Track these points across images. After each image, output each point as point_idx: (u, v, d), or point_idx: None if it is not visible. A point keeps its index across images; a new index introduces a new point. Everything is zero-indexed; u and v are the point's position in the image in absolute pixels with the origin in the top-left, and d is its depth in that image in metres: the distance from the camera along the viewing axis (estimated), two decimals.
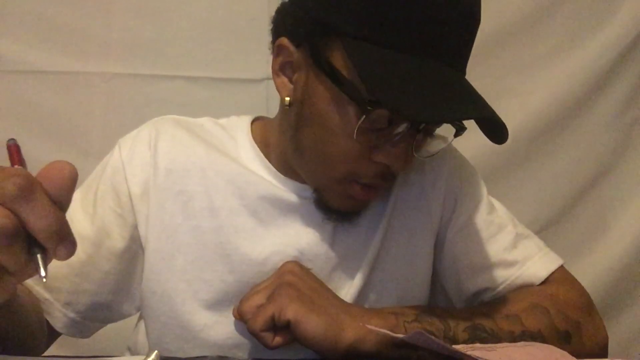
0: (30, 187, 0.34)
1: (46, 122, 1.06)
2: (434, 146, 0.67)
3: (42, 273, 0.35)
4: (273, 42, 0.61)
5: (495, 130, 0.53)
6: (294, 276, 0.56)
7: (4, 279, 0.35)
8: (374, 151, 0.56)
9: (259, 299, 0.56)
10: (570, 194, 1.18)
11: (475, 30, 0.56)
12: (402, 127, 0.55)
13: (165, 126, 0.68)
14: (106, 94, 1.07)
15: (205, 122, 0.71)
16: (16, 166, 0.39)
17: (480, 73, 1.11)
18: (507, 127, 0.53)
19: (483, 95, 0.53)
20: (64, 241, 0.35)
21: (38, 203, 0.34)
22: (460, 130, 0.59)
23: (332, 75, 0.55)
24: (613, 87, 1.16)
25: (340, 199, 0.61)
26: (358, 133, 0.54)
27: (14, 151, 0.40)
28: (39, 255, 0.35)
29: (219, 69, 1.08)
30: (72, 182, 0.36)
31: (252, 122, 0.71)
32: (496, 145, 1.24)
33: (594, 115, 1.17)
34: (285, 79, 0.61)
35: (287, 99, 0.60)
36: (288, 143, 0.63)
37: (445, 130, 0.61)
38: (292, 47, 0.59)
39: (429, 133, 0.61)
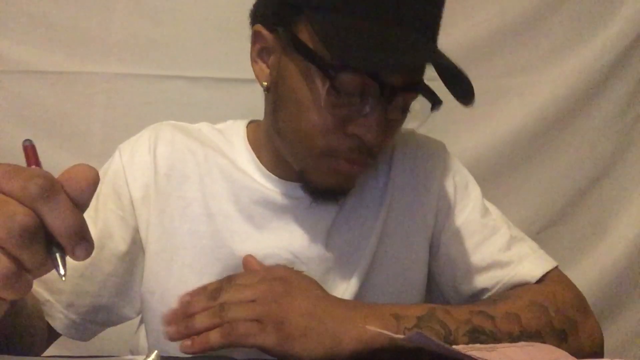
0: (52, 188, 0.34)
1: (46, 122, 1.06)
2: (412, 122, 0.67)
3: (62, 272, 0.36)
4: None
5: (463, 89, 0.54)
6: (283, 285, 0.52)
7: (22, 276, 0.35)
8: (348, 124, 0.57)
9: (243, 298, 0.52)
10: (570, 194, 1.18)
11: None
12: (371, 98, 0.55)
13: (164, 131, 0.69)
14: (106, 94, 1.07)
15: (203, 126, 0.72)
16: (34, 167, 0.40)
17: (480, 73, 1.12)
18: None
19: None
20: (82, 242, 0.36)
21: (59, 204, 0.34)
22: (435, 103, 0.60)
23: (299, 48, 0.56)
24: (613, 87, 1.16)
25: (326, 175, 0.61)
26: (327, 104, 0.56)
27: (31, 152, 0.40)
28: (57, 255, 0.35)
29: (219, 69, 1.08)
30: (93, 185, 0.36)
31: (248, 125, 0.72)
32: (496, 146, 1.24)
33: (594, 115, 1.17)
34: (263, 65, 0.63)
35: (265, 83, 0.62)
36: (271, 129, 0.64)
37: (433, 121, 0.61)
38: (266, 32, 0.61)
39: (403, 108, 0.61)
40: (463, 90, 0.54)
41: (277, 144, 0.64)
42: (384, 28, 0.53)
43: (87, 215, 0.63)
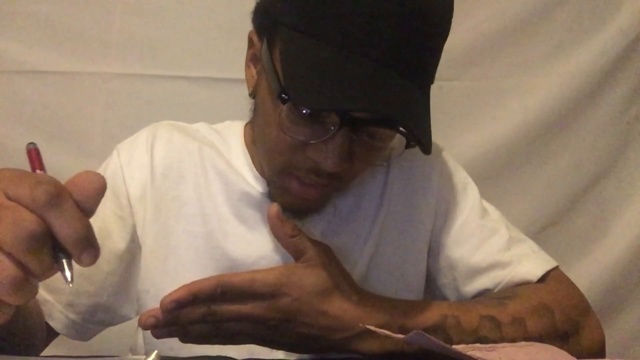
0: (59, 194, 0.34)
1: (46, 122, 1.06)
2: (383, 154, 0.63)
3: (69, 277, 0.36)
4: None
5: (425, 136, 0.51)
6: (282, 313, 0.51)
7: (29, 281, 0.35)
8: (307, 146, 0.55)
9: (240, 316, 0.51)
10: (570, 194, 1.18)
11: (423, 29, 0.51)
12: (333, 125, 0.53)
13: (161, 130, 0.69)
14: (106, 94, 1.07)
15: (201, 127, 0.72)
16: (38, 171, 0.40)
17: (480, 73, 1.12)
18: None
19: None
20: (89, 248, 0.36)
21: (66, 210, 0.34)
22: (410, 141, 0.55)
23: (269, 65, 0.55)
24: (613, 87, 1.16)
25: (280, 193, 0.61)
26: (283, 126, 0.54)
27: (35, 155, 0.40)
28: (64, 260, 0.35)
29: (219, 69, 1.08)
30: (100, 191, 0.36)
31: (245, 125, 0.72)
32: (496, 146, 1.23)
33: (594, 115, 1.17)
34: (253, 70, 0.63)
35: (250, 89, 0.62)
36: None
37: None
38: (256, 39, 0.61)
39: (371, 137, 0.57)
40: (425, 138, 0.51)
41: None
42: (348, 58, 0.50)
43: None
